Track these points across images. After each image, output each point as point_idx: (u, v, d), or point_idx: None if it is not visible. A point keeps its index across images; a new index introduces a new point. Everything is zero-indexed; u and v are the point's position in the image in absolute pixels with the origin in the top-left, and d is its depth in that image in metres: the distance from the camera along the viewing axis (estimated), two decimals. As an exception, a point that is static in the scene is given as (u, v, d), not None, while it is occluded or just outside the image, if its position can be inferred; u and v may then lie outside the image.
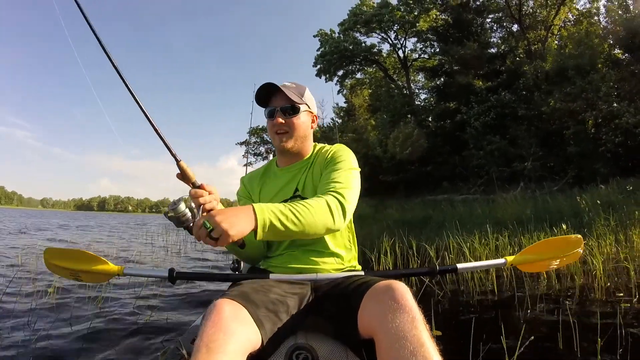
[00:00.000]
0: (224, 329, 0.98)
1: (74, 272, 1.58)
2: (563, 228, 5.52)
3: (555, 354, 2.14)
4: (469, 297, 3.62)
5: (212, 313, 1.03)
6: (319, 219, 1.26)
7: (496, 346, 2.00)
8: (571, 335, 2.17)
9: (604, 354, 1.95)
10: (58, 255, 1.62)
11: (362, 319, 1.12)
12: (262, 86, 1.47)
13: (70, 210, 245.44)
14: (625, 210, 6.18)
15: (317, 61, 25.68)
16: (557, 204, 8.67)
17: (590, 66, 14.34)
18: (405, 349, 0.92)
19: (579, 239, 1.69)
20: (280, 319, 1.19)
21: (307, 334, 1.25)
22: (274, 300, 1.21)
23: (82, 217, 52.23)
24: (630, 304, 3.03)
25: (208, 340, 0.94)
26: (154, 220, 44.74)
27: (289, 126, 1.48)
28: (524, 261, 1.66)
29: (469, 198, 14.28)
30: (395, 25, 23.44)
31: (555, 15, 20.36)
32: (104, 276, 1.59)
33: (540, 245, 1.70)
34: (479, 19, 22.53)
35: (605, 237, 5.09)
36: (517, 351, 1.82)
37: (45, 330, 2.76)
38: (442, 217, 9.97)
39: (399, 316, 1.00)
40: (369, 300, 1.12)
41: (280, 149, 1.51)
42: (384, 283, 1.12)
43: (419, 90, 26.76)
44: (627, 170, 12.46)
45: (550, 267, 1.74)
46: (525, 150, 15.05)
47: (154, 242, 11.23)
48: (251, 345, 1.05)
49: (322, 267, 1.45)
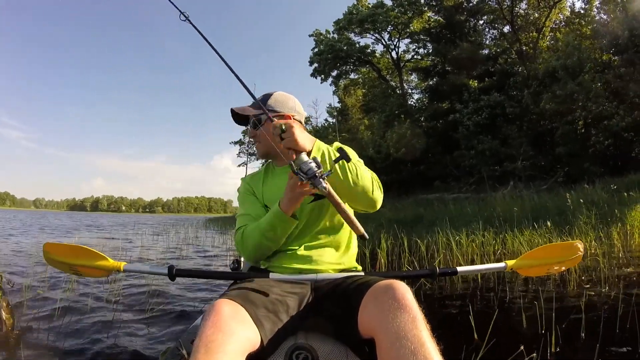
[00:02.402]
0: (223, 329, 0.98)
1: (73, 266, 1.58)
2: (548, 225, 5.72)
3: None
4: (465, 295, 3.68)
5: (212, 313, 1.03)
6: (367, 181, 1.39)
7: (493, 344, 2.06)
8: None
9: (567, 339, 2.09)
10: (57, 250, 1.61)
11: (363, 319, 1.12)
12: (231, 113, 1.61)
13: (63, 211, 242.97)
14: (607, 209, 6.42)
15: (312, 61, 25.84)
16: (543, 202, 8.89)
17: (580, 68, 14.56)
18: (406, 349, 0.93)
19: (577, 245, 1.68)
20: (280, 319, 1.19)
21: (307, 334, 1.26)
22: (273, 300, 1.22)
23: (84, 217, 51.50)
24: (599, 295, 3.23)
25: (207, 341, 0.95)
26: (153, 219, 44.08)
27: (259, 136, 1.57)
28: (524, 265, 1.67)
29: (460, 197, 14.48)
30: (389, 26, 23.64)
31: (546, 17, 20.65)
32: (103, 272, 1.58)
33: (541, 251, 1.70)
34: (472, 20, 22.76)
35: (586, 234, 5.30)
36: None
37: (44, 329, 2.77)
38: (434, 216, 10.15)
39: (399, 315, 1.00)
40: (369, 299, 1.12)
41: (258, 155, 1.64)
42: (385, 282, 1.13)
43: (412, 91, 27.04)
44: (616, 169, 12.74)
45: (550, 271, 1.75)
46: (515, 150, 15.30)
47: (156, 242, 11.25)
48: (250, 345, 1.05)
49: (322, 267, 1.45)
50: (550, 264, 1.68)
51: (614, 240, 5.10)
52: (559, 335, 2.26)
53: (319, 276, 1.39)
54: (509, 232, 5.49)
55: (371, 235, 6.65)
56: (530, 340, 2.26)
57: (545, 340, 2.21)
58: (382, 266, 5.15)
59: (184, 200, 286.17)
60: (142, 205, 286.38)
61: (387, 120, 21.26)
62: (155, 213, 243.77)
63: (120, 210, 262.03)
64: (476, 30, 22.71)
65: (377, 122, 22.06)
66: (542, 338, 2.26)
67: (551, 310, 2.46)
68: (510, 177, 14.96)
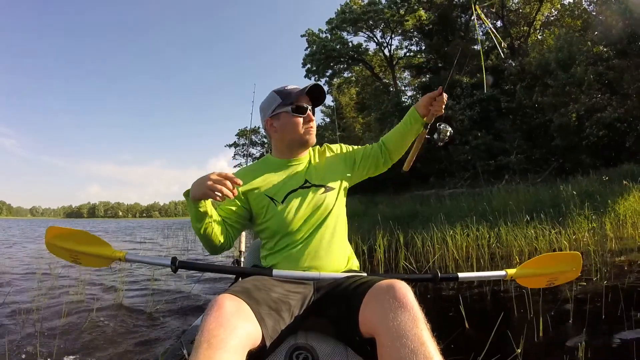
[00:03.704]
0: (225, 324, 0.98)
1: (74, 253, 1.53)
2: (542, 217, 5.78)
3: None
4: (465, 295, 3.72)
5: (214, 308, 1.03)
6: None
7: (497, 343, 2.05)
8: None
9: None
10: (61, 235, 1.55)
11: (363, 318, 1.12)
12: (314, 86, 1.56)
13: (60, 218, 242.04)
14: (599, 200, 6.49)
15: (305, 61, 25.87)
16: (538, 196, 8.96)
17: (572, 60, 14.63)
18: (406, 348, 0.93)
19: (577, 256, 1.68)
20: (282, 318, 1.19)
21: (307, 334, 1.26)
22: (275, 299, 1.22)
23: (86, 223, 51.25)
24: (589, 284, 3.30)
25: (209, 336, 0.95)
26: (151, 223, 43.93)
27: (314, 124, 1.60)
28: (523, 275, 1.66)
29: (455, 192, 14.54)
30: (382, 24, 23.71)
31: (537, 11, 20.75)
32: (105, 260, 1.54)
33: (541, 260, 1.70)
34: (463, 16, 22.84)
35: (579, 225, 5.36)
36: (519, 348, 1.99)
37: (43, 328, 2.80)
38: (429, 212, 10.20)
39: (400, 315, 1.00)
40: (370, 299, 1.12)
41: (310, 142, 1.59)
42: (386, 282, 1.13)
43: (406, 88, 27.10)
44: (610, 160, 12.81)
45: (549, 284, 1.74)
46: (509, 144, 15.37)
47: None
48: (252, 342, 1.05)
49: (325, 266, 1.44)
50: (550, 275, 1.69)
51: (607, 230, 5.14)
52: (548, 323, 2.31)
53: (321, 275, 1.38)
54: (503, 226, 5.54)
55: (367, 232, 6.69)
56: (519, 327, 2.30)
57: (534, 327, 2.26)
58: (380, 263, 5.18)
59: (181, 204, 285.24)
60: (139, 210, 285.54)
61: (381, 118, 21.31)
62: (152, 217, 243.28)
63: (118, 216, 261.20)
64: (468, 26, 22.79)
65: (372, 120, 22.08)
66: (531, 325, 2.30)
67: (542, 299, 2.50)
68: (504, 171, 15.02)
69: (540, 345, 2.18)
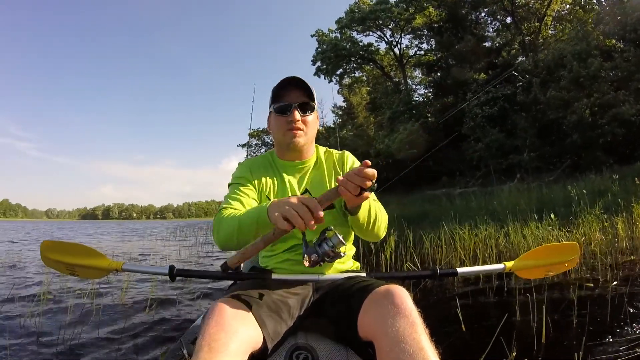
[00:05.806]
0: (226, 328, 0.99)
1: (70, 266, 1.52)
2: (552, 217, 5.68)
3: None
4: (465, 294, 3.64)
5: (214, 312, 1.03)
6: (384, 223, 1.41)
7: (497, 347, 2.05)
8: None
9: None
10: (55, 248, 1.55)
11: (362, 323, 1.13)
12: (287, 79, 1.41)
13: (75, 220, 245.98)
14: (611, 199, 6.36)
15: (315, 59, 25.94)
16: (550, 194, 8.83)
17: (586, 53, 14.35)
18: (405, 353, 0.94)
19: (574, 246, 1.70)
20: (282, 319, 1.20)
21: (307, 335, 1.27)
22: (275, 300, 1.22)
23: (111, 225, 51.95)
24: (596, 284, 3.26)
25: (210, 340, 0.95)
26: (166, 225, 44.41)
27: (304, 123, 1.44)
28: (522, 267, 1.67)
29: (467, 191, 14.41)
30: (391, 23, 23.62)
31: (547, 6, 20.44)
32: (102, 271, 1.54)
33: (539, 251, 1.71)
34: (473, 12, 22.63)
35: (591, 224, 5.26)
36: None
37: (43, 332, 2.82)
38: (439, 212, 10.12)
39: (398, 320, 1.01)
40: (370, 304, 1.13)
41: (293, 145, 1.44)
42: (384, 287, 1.14)
43: (417, 86, 26.94)
44: (625, 157, 12.53)
45: (547, 274, 1.76)
46: (521, 142, 15.16)
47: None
48: (253, 345, 1.05)
49: (325, 268, 1.41)
50: (548, 265, 1.70)
51: (619, 230, 5.05)
52: (549, 327, 2.29)
53: (321, 277, 1.37)
54: (512, 225, 5.48)
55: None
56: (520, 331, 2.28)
57: (534, 333, 2.24)
58: (385, 263, 5.15)
59: (195, 205, 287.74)
60: (153, 211, 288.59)
61: (393, 117, 21.24)
62: (166, 219, 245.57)
63: (132, 217, 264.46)
64: (478, 23, 22.58)
65: (385, 119, 21.99)
66: (531, 331, 2.29)
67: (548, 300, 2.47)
68: (516, 170, 14.82)
69: (542, 350, 2.16)
